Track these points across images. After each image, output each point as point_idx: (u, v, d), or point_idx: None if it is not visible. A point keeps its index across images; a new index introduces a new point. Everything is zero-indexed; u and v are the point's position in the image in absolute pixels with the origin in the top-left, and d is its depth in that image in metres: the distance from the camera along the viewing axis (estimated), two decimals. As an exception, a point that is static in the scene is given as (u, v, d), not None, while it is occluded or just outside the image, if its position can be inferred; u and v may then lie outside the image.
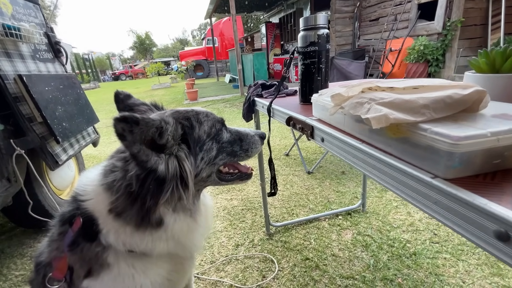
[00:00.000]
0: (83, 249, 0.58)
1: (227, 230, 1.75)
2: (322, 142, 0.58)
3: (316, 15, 0.82)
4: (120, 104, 0.71)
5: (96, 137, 2.26)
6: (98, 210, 0.58)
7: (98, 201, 0.58)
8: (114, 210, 0.56)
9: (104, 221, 0.57)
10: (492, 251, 0.25)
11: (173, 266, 0.67)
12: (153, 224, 0.56)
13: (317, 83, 0.88)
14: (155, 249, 0.59)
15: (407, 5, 5.78)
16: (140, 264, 0.61)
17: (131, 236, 0.57)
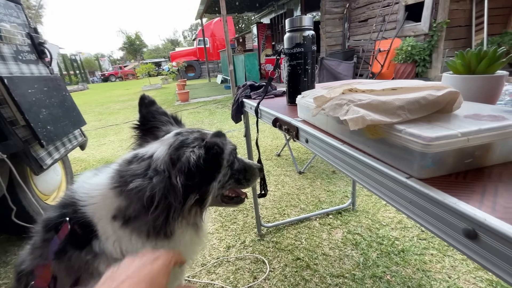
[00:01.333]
0: (71, 257, 0.55)
1: (218, 232, 1.74)
2: (306, 143, 0.58)
3: (301, 16, 0.83)
4: (143, 108, 0.72)
5: (84, 140, 2.21)
6: (100, 215, 0.55)
7: (102, 206, 0.56)
8: (121, 216, 0.54)
9: (105, 227, 0.55)
10: (462, 249, 0.25)
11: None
12: (163, 235, 0.56)
13: (304, 84, 0.89)
14: None
15: (394, 6, 5.90)
16: None
17: (135, 244, 0.55)
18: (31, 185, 1.72)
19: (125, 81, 27.59)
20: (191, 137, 0.61)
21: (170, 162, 0.56)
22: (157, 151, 0.59)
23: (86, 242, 0.55)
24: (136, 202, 0.53)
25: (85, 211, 0.56)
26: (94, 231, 0.55)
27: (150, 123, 0.71)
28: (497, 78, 0.46)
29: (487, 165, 0.33)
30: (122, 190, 0.54)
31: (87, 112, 7.34)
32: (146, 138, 0.70)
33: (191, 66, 17.18)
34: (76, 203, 0.57)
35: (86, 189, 0.58)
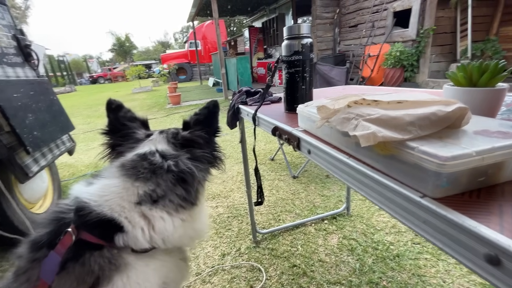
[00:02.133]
0: (84, 262, 0.54)
1: (213, 239, 1.71)
2: (309, 154, 0.57)
3: (300, 24, 0.83)
4: (111, 113, 0.74)
5: (72, 145, 2.14)
6: (121, 207, 0.58)
7: (121, 199, 0.58)
8: (147, 200, 0.59)
9: (130, 215, 0.58)
10: (483, 275, 0.25)
11: (173, 269, 0.68)
12: (191, 204, 0.65)
13: (302, 92, 0.88)
14: (183, 235, 0.65)
15: (383, 13, 6.05)
16: (152, 263, 0.61)
17: (167, 219, 0.60)
18: (16, 193, 1.64)
19: (115, 83, 27.09)
20: (171, 130, 0.75)
21: (180, 143, 0.70)
22: (157, 147, 0.68)
23: (107, 239, 0.56)
24: (164, 183, 0.61)
25: (101, 211, 0.56)
26: (114, 227, 0.56)
27: (119, 128, 0.72)
28: (499, 91, 0.47)
29: (498, 182, 0.32)
30: (147, 178, 0.61)
31: (75, 115, 7.14)
32: (119, 143, 0.70)
33: (182, 69, 17.04)
34: (85, 207, 0.57)
35: (92, 193, 0.59)
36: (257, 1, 9.19)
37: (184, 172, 0.64)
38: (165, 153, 0.67)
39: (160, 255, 0.64)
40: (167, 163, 0.64)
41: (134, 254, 0.58)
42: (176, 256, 0.69)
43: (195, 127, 0.74)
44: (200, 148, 0.72)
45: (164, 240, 0.61)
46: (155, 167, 0.63)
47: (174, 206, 0.62)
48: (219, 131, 0.78)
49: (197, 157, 0.69)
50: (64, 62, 28.21)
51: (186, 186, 0.64)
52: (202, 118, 0.75)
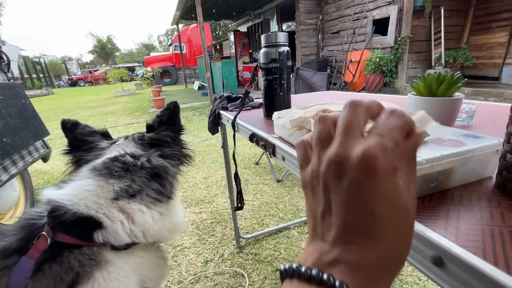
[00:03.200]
0: (63, 260, 0.53)
1: (195, 246, 1.68)
2: (283, 160, 0.59)
3: (277, 33, 0.85)
4: (68, 133, 0.74)
5: (46, 152, 2.05)
6: (98, 205, 0.59)
7: (97, 196, 0.59)
8: (124, 195, 0.61)
9: (109, 211, 0.59)
10: (430, 276, 0.27)
11: (152, 267, 0.68)
12: (167, 197, 0.68)
13: (280, 98, 0.90)
14: (161, 228, 0.66)
15: (363, 20, 6.29)
16: (131, 261, 0.62)
17: (146, 212, 0.62)
18: (-17, 204, 1.54)
19: (96, 86, 26.20)
20: (136, 134, 0.77)
21: (148, 143, 0.73)
22: (126, 150, 0.70)
23: (86, 238, 0.56)
24: (139, 179, 0.64)
25: (77, 209, 0.57)
26: (92, 224, 0.57)
27: (80, 145, 0.73)
28: (455, 101, 0.50)
29: (449, 187, 0.35)
30: (121, 175, 0.63)
31: (51, 119, 6.83)
32: (83, 158, 0.71)
33: (166, 72, 16.80)
34: (60, 208, 0.56)
35: (65, 193, 0.59)
36: (242, 6, 9.27)
37: (157, 167, 0.67)
38: (135, 154, 0.69)
39: (139, 252, 0.65)
40: (139, 161, 0.66)
41: (113, 252, 0.59)
42: (154, 254, 0.70)
43: (159, 128, 0.77)
44: (169, 147, 0.74)
45: (144, 233, 0.62)
46: (128, 166, 0.65)
47: (151, 199, 0.64)
48: (183, 129, 0.82)
49: (167, 155, 0.72)
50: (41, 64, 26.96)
51: (161, 180, 0.67)
52: (165, 118, 0.78)
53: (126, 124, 5.51)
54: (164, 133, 0.76)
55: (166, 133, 0.76)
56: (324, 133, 0.21)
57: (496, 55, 5.76)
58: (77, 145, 0.74)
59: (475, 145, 0.34)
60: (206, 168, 2.90)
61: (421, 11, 5.57)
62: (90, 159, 0.68)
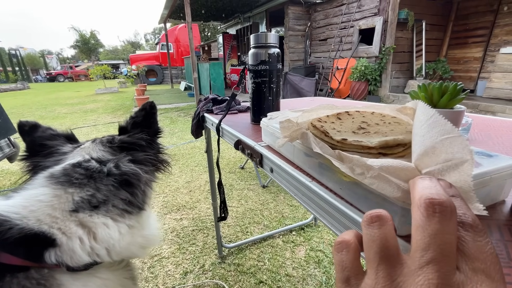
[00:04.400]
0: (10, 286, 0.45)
1: (174, 255, 1.58)
2: (271, 172, 0.53)
3: (267, 33, 0.79)
4: (26, 136, 0.66)
5: (12, 151, 1.87)
6: (52, 218, 0.50)
7: (52, 208, 0.51)
8: (86, 207, 0.53)
9: (65, 225, 0.50)
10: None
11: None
12: (138, 208, 0.60)
13: (268, 103, 0.85)
14: (130, 244, 0.58)
15: (350, 29, 6.44)
16: (92, 284, 0.53)
17: (111, 226, 0.55)
18: None
19: (76, 82, 25.10)
20: (106, 137, 0.69)
21: (118, 146, 0.65)
22: (92, 154, 0.62)
23: (35, 258, 0.47)
24: (105, 187, 0.56)
25: (25, 224, 0.48)
26: (43, 241, 0.49)
27: (38, 150, 0.64)
28: (457, 113, 0.47)
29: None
30: (83, 183, 0.55)
31: (25, 116, 6.41)
32: (41, 164, 0.62)
33: (152, 71, 16.39)
34: (3, 223, 0.47)
35: (12, 205, 0.50)
36: (231, 8, 9.23)
37: (127, 174, 0.59)
38: (102, 159, 0.61)
39: (101, 274, 0.56)
40: (106, 166, 0.59)
41: (69, 274, 0.50)
42: (121, 274, 0.61)
43: (133, 130, 0.69)
44: (142, 151, 0.67)
45: (108, 250, 0.54)
46: (92, 172, 0.57)
47: (118, 211, 0.57)
48: (161, 132, 0.75)
49: (139, 160, 0.64)
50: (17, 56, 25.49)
51: (131, 189, 0.60)
52: (140, 120, 0.71)
53: (106, 123, 5.26)
54: (138, 135, 0.68)
55: (140, 136, 0.68)
56: (392, 244, 0.15)
57: (472, 69, 6.09)
58: (36, 150, 0.64)
59: (492, 166, 0.30)
60: (190, 171, 2.80)
61: (404, 23, 5.78)
62: (48, 166, 0.59)
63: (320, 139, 0.37)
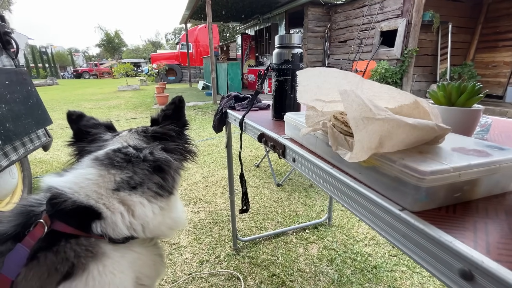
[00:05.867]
0: (59, 250, 0.52)
1: (192, 245, 1.66)
2: (293, 162, 0.57)
3: (291, 34, 0.84)
4: (73, 124, 0.74)
5: (48, 141, 2.03)
6: (98, 194, 0.57)
7: (98, 186, 0.58)
8: (125, 187, 0.60)
9: (109, 202, 0.57)
10: (456, 290, 0.25)
11: (148, 264, 0.67)
12: (168, 193, 0.66)
13: (290, 100, 0.89)
14: (161, 223, 0.65)
15: (371, 31, 6.33)
16: (128, 255, 0.61)
17: (146, 206, 0.61)
18: (-20, 188, 1.52)
19: (100, 79, 26.26)
20: (140, 127, 0.75)
21: (151, 136, 0.71)
22: (129, 142, 0.69)
23: (84, 228, 0.55)
24: (141, 171, 0.62)
25: (77, 198, 0.55)
26: (91, 214, 0.56)
27: (84, 136, 0.73)
28: (475, 112, 0.49)
29: (473, 199, 0.33)
30: (123, 166, 0.61)
31: (54, 109, 6.82)
32: (86, 149, 0.70)
33: (172, 70, 16.84)
34: (60, 196, 0.55)
35: (66, 181, 0.58)
36: (251, 9, 9.34)
37: (160, 160, 0.65)
38: (137, 146, 0.67)
39: (136, 248, 0.63)
40: (142, 153, 0.65)
41: (110, 244, 0.57)
42: (152, 251, 0.69)
43: (164, 122, 0.76)
44: (172, 141, 0.73)
45: (143, 227, 0.61)
46: (130, 157, 0.63)
47: (152, 193, 0.63)
48: (188, 124, 0.81)
49: (170, 149, 0.70)
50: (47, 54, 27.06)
51: (163, 174, 0.65)
52: (170, 112, 0.77)
53: (128, 119, 5.50)
54: (168, 127, 0.75)
55: (170, 127, 0.75)
56: None
57: (501, 74, 5.78)
58: (81, 136, 0.73)
59: (502, 157, 0.32)
60: (206, 167, 2.88)
61: (429, 25, 5.60)
62: (92, 150, 0.67)
63: (340, 128, 0.41)
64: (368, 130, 0.30)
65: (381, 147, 0.32)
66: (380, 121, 0.29)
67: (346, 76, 0.41)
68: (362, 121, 0.30)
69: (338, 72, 0.42)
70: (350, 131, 0.39)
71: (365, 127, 0.30)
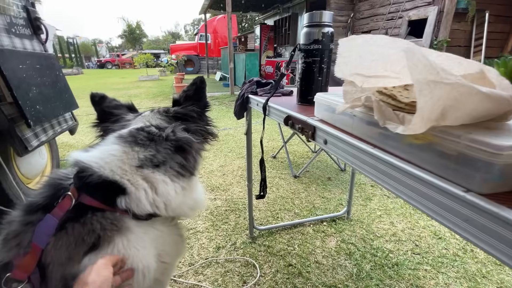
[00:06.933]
0: (86, 222, 0.53)
1: (208, 231, 1.67)
2: (325, 144, 0.54)
3: (322, 12, 0.79)
4: (97, 106, 0.75)
5: (74, 124, 2.11)
6: (123, 170, 0.58)
7: (122, 162, 0.58)
8: (149, 164, 0.60)
9: (133, 178, 0.58)
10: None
11: (169, 242, 0.68)
12: (189, 173, 0.66)
13: (318, 84, 0.84)
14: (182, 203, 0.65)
15: (398, 20, 5.98)
16: (151, 232, 0.61)
17: (169, 184, 0.61)
18: (13, 166, 1.61)
19: (122, 69, 27.06)
20: (162, 108, 0.75)
21: (173, 116, 0.71)
22: (151, 122, 0.69)
23: (109, 203, 0.56)
24: (163, 150, 0.62)
25: (103, 173, 0.56)
26: (116, 189, 0.56)
27: (107, 117, 0.73)
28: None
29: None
30: (146, 144, 0.61)
31: (80, 97, 7.07)
32: (110, 128, 0.70)
33: (190, 61, 16.97)
34: (87, 170, 0.56)
35: (93, 156, 0.59)
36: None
37: (181, 140, 0.65)
38: (160, 126, 0.67)
39: (158, 226, 0.64)
40: (165, 132, 0.64)
41: (134, 220, 0.58)
42: (173, 230, 0.69)
43: (185, 103, 0.75)
44: (194, 122, 0.73)
45: (166, 205, 0.61)
46: (153, 136, 0.63)
47: (174, 172, 0.63)
48: (209, 106, 0.80)
49: (191, 130, 0.70)
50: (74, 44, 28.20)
51: (184, 154, 0.65)
52: (191, 93, 0.76)
53: (148, 108, 5.60)
54: (189, 107, 0.74)
55: (191, 108, 0.74)
56: None
57: (543, 68, 5.29)
58: (105, 117, 0.74)
59: None
60: (223, 156, 2.89)
61: (463, 14, 5.20)
62: (116, 129, 0.68)
63: (387, 103, 0.37)
64: (433, 96, 0.25)
65: (442, 119, 0.28)
66: (449, 87, 0.25)
67: (395, 43, 0.37)
68: (427, 85, 0.26)
69: (386, 39, 0.37)
70: (398, 105, 0.35)
71: (430, 92, 0.25)
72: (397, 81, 0.44)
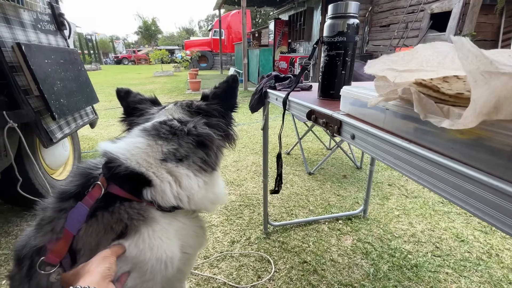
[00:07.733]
0: (114, 211, 0.55)
1: (223, 225, 1.69)
2: (352, 139, 0.52)
3: (348, 2, 0.76)
4: (123, 101, 0.78)
5: (94, 118, 2.18)
6: (148, 163, 0.59)
7: (147, 155, 0.60)
8: (172, 158, 0.61)
9: (158, 171, 0.59)
10: None
11: (192, 234, 0.69)
12: (211, 168, 0.67)
13: (341, 78, 0.82)
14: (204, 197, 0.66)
15: (419, 14, 5.73)
16: (175, 224, 0.63)
17: (192, 177, 0.62)
18: (39, 157, 1.69)
19: (138, 65, 27.65)
20: (185, 101, 0.76)
21: (195, 111, 0.72)
22: (174, 115, 0.70)
23: (135, 193, 0.57)
24: (185, 144, 0.63)
25: (129, 164, 0.58)
26: (142, 181, 0.57)
27: (132, 112, 0.75)
28: None
29: None
30: (169, 138, 0.62)
31: (99, 92, 7.29)
32: (135, 122, 0.72)
33: (204, 57, 17.09)
34: (115, 160, 0.58)
35: (120, 147, 0.60)
36: (287, -8, 8.97)
37: (203, 135, 0.65)
38: (182, 120, 0.68)
39: (181, 218, 0.65)
40: (186, 127, 0.65)
41: (159, 211, 0.60)
42: (194, 222, 0.71)
43: (212, 100, 0.75)
44: (215, 117, 0.73)
45: (189, 198, 0.62)
46: (175, 130, 0.64)
47: (197, 167, 0.64)
48: (236, 107, 0.79)
49: (213, 125, 0.70)
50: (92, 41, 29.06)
51: (206, 150, 0.66)
52: (220, 92, 0.75)
53: (163, 103, 5.72)
54: (213, 106, 0.74)
55: (215, 107, 0.74)
56: None
57: None
58: (130, 112, 0.76)
59: None
60: (237, 152, 2.90)
61: (491, 6, 4.91)
62: (141, 123, 0.69)
63: (428, 95, 0.34)
64: (490, 87, 0.23)
65: (495, 113, 0.26)
66: (506, 77, 0.23)
67: (431, 45, 0.35)
68: (482, 76, 0.23)
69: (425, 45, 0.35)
70: (441, 97, 0.33)
71: (486, 82, 0.23)
72: (434, 74, 0.41)
